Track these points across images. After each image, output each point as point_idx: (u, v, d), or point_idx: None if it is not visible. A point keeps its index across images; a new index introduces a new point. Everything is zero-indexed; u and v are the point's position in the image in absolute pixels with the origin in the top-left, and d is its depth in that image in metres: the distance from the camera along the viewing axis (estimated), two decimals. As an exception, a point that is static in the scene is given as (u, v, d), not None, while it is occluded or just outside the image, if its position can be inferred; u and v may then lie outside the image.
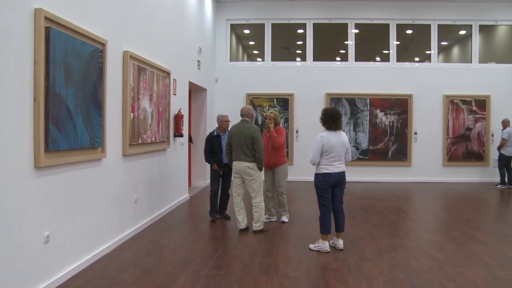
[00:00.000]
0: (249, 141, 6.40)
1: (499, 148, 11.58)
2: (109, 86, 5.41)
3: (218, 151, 7.27)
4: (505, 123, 11.64)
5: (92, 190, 5.11)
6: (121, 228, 5.96)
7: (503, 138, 11.44)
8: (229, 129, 6.98)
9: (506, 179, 11.50)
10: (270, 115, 7.14)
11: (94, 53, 4.93)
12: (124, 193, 6.05)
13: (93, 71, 4.93)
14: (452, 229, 6.91)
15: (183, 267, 4.99)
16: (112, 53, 5.52)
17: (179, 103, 8.65)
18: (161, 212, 7.55)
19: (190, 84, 9.77)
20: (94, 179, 5.16)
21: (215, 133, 7.37)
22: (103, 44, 5.18)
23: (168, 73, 7.73)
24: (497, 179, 11.69)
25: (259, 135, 6.44)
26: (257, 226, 6.53)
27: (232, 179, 6.65)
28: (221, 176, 7.41)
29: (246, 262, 5.17)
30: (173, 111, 8.27)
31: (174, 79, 8.21)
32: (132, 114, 6.10)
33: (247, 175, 6.46)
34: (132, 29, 6.26)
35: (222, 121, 7.34)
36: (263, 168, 7.10)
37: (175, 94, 8.38)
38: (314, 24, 12.80)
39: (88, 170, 5.00)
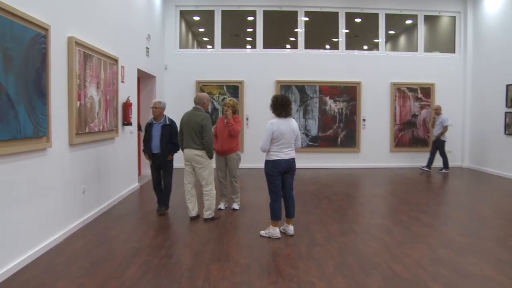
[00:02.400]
0: (197, 129, 6.35)
1: (439, 135, 11.75)
2: (53, 73, 5.22)
3: (148, 139, 7.01)
4: (438, 110, 11.95)
5: (38, 181, 4.94)
6: (69, 219, 5.80)
7: (445, 126, 11.63)
8: (168, 115, 7.00)
9: (427, 162, 11.95)
10: (229, 103, 7.08)
11: (36, 38, 4.73)
12: (72, 183, 5.88)
13: (35, 58, 4.73)
14: (399, 212, 7.15)
15: (133, 257, 4.92)
16: (56, 39, 5.31)
17: (127, 90, 8.46)
18: (110, 202, 7.40)
19: (139, 71, 9.58)
20: (39, 170, 4.98)
21: (148, 121, 7.15)
22: (46, 29, 4.98)
23: (115, 60, 7.54)
24: (441, 164, 12.02)
25: (207, 124, 6.39)
26: (208, 214, 6.52)
27: (183, 166, 6.55)
28: (159, 167, 7.08)
29: (197, 250, 5.16)
30: (122, 99, 8.08)
31: (122, 66, 8.01)
32: (78, 102, 5.91)
33: (197, 163, 6.42)
34: (77, 14, 6.04)
35: (152, 107, 7.04)
36: (215, 155, 7.08)
37: (123, 82, 8.19)
38: (264, 11, 12.76)
39: (33, 161, 4.82)
